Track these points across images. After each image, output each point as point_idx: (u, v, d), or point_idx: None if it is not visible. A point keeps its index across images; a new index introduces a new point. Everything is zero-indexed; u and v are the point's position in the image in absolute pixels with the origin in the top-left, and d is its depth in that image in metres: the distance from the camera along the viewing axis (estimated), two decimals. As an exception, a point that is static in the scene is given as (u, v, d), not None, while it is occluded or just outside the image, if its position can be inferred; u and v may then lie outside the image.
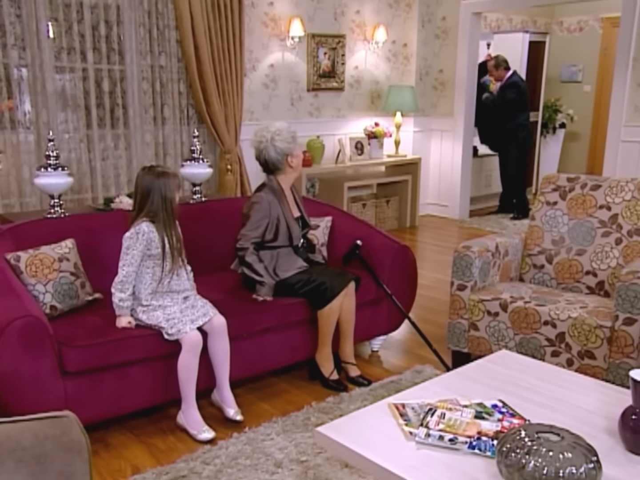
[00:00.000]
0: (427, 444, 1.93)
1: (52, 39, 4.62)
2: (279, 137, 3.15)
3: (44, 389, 2.37)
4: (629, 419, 1.90)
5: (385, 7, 6.74)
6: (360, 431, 2.01)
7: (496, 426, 2.00)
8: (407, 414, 2.10)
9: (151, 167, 2.72)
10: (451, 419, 2.05)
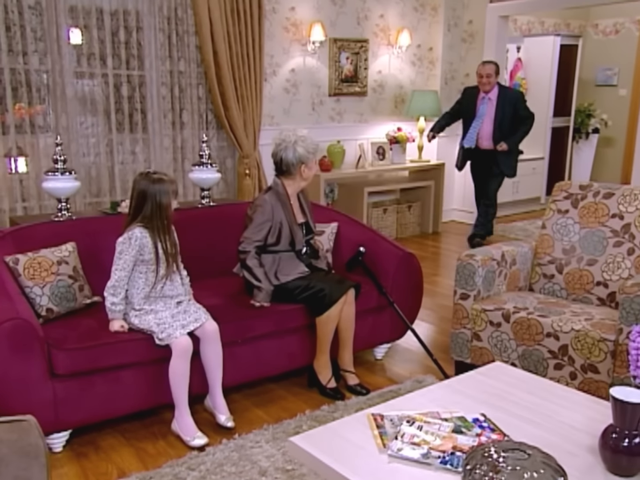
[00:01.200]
0: (399, 457, 1.89)
1: (72, 45, 4.71)
2: (302, 144, 3.15)
3: (32, 390, 2.41)
4: (609, 438, 1.84)
5: (410, 11, 6.68)
6: (334, 442, 1.99)
7: (473, 441, 1.95)
8: (385, 425, 2.07)
9: (147, 173, 2.74)
10: (427, 432, 2.00)
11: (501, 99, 5.78)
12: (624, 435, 1.80)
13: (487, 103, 5.85)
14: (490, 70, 5.77)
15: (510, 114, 5.77)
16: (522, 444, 1.74)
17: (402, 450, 1.90)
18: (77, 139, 4.84)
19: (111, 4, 4.83)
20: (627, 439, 1.79)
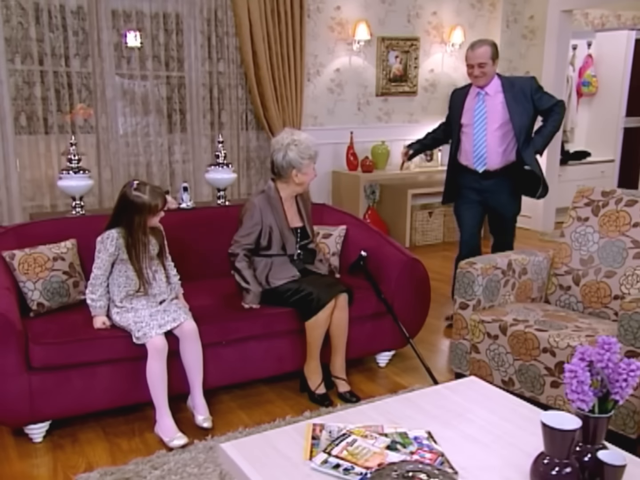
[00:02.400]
0: (320, 471, 1.84)
1: (112, 47, 4.89)
2: (295, 148, 3.12)
3: (7, 381, 2.52)
4: (539, 466, 1.72)
5: (466, 8, 6.47)
6: (263, 451, 1.96)
7: (403, 459, 1.87)
8: (321, 437, 2.02)
9: (134, 187, 2.78)
10: (359, 447, 1.94)
11: (508, 93, 3.84)
12: (554, 463, 1.68)
13: (486, 100, 3.87)
14: (483, 55, 3.76)
15: (529, 111, 3.85)
16: (432, 466, 1.65)
17: (325, 464, 1.85)
18: (117, 139, 5.02)
19: (151, 7, 4.97)
20: (557, 468, 1.68)
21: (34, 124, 4.75)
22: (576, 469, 1.69)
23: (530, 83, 3.91)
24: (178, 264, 3.18)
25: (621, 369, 1.74)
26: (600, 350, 1.77)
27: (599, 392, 1.75)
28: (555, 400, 2.83)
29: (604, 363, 1.76)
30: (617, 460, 1.67)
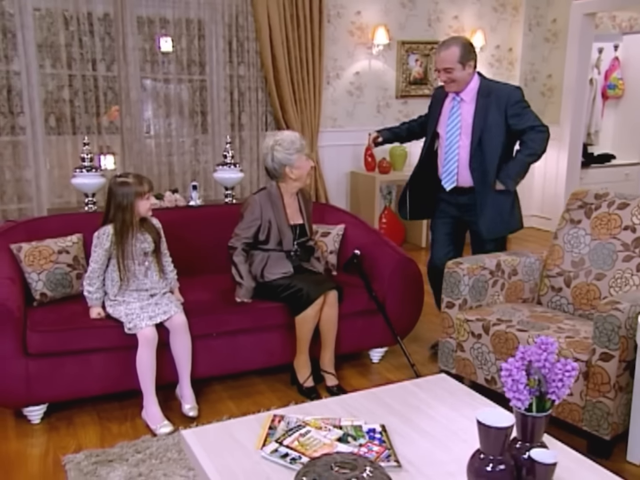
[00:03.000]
0: (269, 459, 1.94)
1: (137, 52, 5.10)
2: (279, 147, 3.24)
3: (5, 365, 2.71)
4: (474, 462, 1.77)
5: (488, 11, 6.48)
6: (221, 439, 2.06)
7: (351, 451, 1.96)
8: (277, 427, 2.12)
9: (116, 176, 2.96)
10: (310, 438, 2.04)
11: (482, 99, 3.31)
12: (488, 460, 1.73)
13: (461, 108, 3.38)
14: (448, 58, 3.26)
15: (500, 125, 3.29)
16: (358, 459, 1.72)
17: (274, 453, 1.95)
18: (141, 139, 5.23)
19: (175, 13, 5.17)
20: (491, 464, 1.72)
21: (62, 124, 5.00)
22: (510, 466, 1.73)
23: (508, 93, 3.33)
24: (183, 259, 3.37)
25: (557, 369, 1.79)
26: (538, 350, 1.82)
27: (536, 392, 1.79)
28: (534, 400, 2.87)
29: (541, 363, 1.81)
30: (548, 459, 1.71)
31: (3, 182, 4.85)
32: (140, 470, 2.52)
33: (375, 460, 1.90)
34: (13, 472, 2.55)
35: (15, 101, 4.82)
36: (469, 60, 3.30)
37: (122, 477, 2.48)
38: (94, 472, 2.51)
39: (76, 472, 2.51)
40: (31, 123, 4.89)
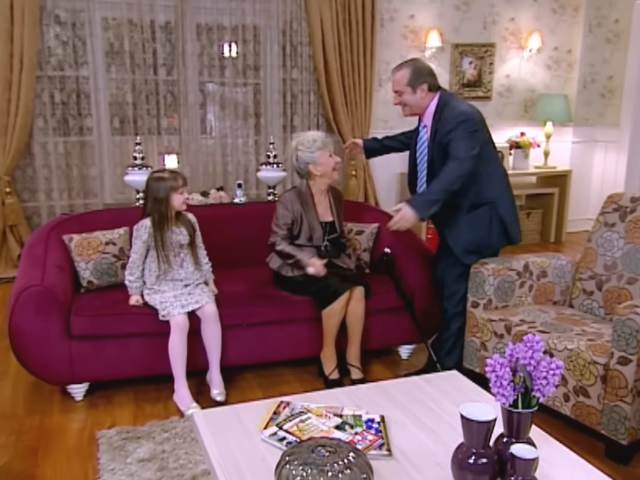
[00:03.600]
0: (267, 442, 2.06)
1: (195, 57, 5.36)
2: (302, 147, 3.39)
3: (50, 346, 2.96)
4: (458, 454, 1.83)
5: (547, 13, 6.40)
6: (227, 421, 2.18)
7: (345, 438, 2.05)
8: (282, 412, 2.24)
9: (155, 171, 3.17)
10: (310, 424, 2.14)
11: (434, 124, 3.18)
12: (471, 453, 1.79)
13: (427, 133, 3.28)
14: (398, 81, 3.19)
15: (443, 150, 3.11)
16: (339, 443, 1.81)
17: (273, 436, 2.07)
18: (197, 140, 5.49)
19: (232, 20, 5.40)
20: (473, 457, 1.77)
21: (125, 126, 5.31)
22: (492, 460, 1.78)
23: (448, 120, 3.09)
24: (223, 252, 3.58)
25: (542, 367, 1.83)
26: (524, 347, 1.86)
27: (521, 388, 1.84)
28: (554, 402, 2.89)
29: (527, 360, 1.86)
30: (527, 454, 1.75)
31: (71, 178, 5.21)
32: (164, 447, 2.71)
33: (367, 449, 1.99)
34: (52, 443, 2.79)
35: (84, 104, 5.18)
36: (421, 84, 3.15)
37: (147, 453, 2.67)
38: (122, 447, 2.71)
39: (107, 446, 2.72)
40: (97, 124, 5.23)
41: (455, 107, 3.15)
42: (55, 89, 5.02)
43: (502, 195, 3.30)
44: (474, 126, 3.10)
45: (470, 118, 3.10)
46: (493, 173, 3.27)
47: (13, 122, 4.80)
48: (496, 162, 3.36)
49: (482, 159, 3.14)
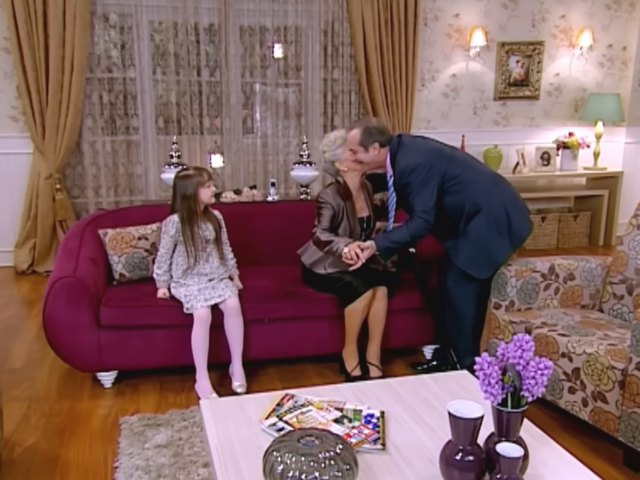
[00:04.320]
0: (266, 431, 2.12)
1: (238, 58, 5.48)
2: (326, 148, 3.43)
3: (80, 334, 3.11)
4: (445, 450, 1.85)
5: (600, 9, 6.23)
6: (231, 411, 2.26)
7: (342, 431, 2.09)
8: (285, 405, 2.29)
9: (181, 170, 3.27)
10: (309, 416, 2.20)
11: (394, 177, 3.29)
12: (458, 450, 1.80)
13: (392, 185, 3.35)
14: (350, 140, 3.29)
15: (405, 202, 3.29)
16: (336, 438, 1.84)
17: (272, 427, 2.12)
18: (239, 139, 5.61)
19: (274, 21, 5.49)
20: (460, 454, 1.79)
21: (169, 125, 5.48)
22: (479, 457, 1.78)
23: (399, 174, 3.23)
24: (252, 249, 3.66)
25: (531, 367, 1.82)
26: (514, 347, 1.86)
27: (510, 387, 1.84)
28: (572, 406, 2.84)
29: (516, 360, 1.85)
30: (512, 453, 1.75)
31: (117, 176, 5.42)
32: (181, 435, 2.81)
33: (362, 442, 2.03)
34: (78, 426, 2.93)
35: (130, 104, 5.37)
36: (372, 142, 3.24)
37: (164, 440, 2.77)
38: (142, 433, 2.83)
39: (128, 431, 2.85)
40: (143, 124, 5.42)
41: (400, 162, 3.23)
42: (104, 90, 5.23)
43: (491, 196, 3.23)
44: (423, 170, 3.16)
45: (414, 168, 3.17)
46: (471, 182, 3.23)
47: (64, 122, 5.03)
48: (468, 169, 3.27)
49: (453, 178, 3.19)
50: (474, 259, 3.21)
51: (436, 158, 3.22)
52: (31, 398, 3.18)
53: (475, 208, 3.21)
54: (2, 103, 5.11)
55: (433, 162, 3.19)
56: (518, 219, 3.26)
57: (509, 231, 3.22)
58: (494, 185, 3.30)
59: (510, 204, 3.27)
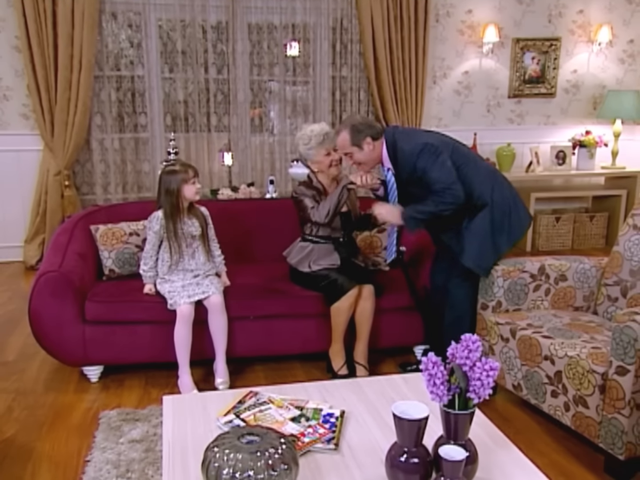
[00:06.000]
0: (222, 429, 2.09)
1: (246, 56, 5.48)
2: (301, 142, 3.39)
3: (66, 328, 3.14)
4: (391, 451, 1.81)
5: (621, 4, 6.05)
6: (192, 407, 2.24)
7: (297, 430, 2.07)
8: (246, 402, 2.27)
9: (165, 166, 3.27)
10: (267, 414, 2.17)
11: (395, 168, 3.17)
12: (402, 451, 1.76)
13: (393, 176, 3.22)
14: (342, 144, 3.18)
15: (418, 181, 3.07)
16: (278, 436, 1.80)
17: (228, 424, 2.10)
18: (246, 136, 5.62)
19: (282, 19, 5.47)
20: (405, 455, 1.75)
21: (177, 123, 5.51)
22: (424, 460, 1.74)
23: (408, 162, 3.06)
24: (246, 246, 3.65)
25: (477, 368, 1.77)
26: (461, 347, 1.80)
27: (456, 389, 1.78)
28: (555, 411, 2.76)
29: (463, 360, 1.79)
30: (456, 456, 1.70)
31: (125, 173, 5.48)
32: (156, 430, 2.81)
33: (314, 442, 1.99)
34: (58, 420, 2.96)
35: (138, 102, 5.42)
36: (364, 138, 3.11)
37: (139, 435, 2.78)
38: (118, 428, 2.84)
39: (105, 425, 2.86)
40: (151, 122, 5.46)
41: (403, 148, 3.10)
42: (112, 88, 5.29)
43: (494, 190, 3.15)
44: (433, 150, 3.02)
45: (422, 148, 3.02)
46: (475, 174, 3.13)
47: (72, 119, 5.10)
48: (471, 163, 3.17)
49: (457, 168, 3.06)
50: (481, 255, 3.11)
51: (440, 142, 3.10)
52: (18, 391, 3.22)
53: (480, 202, 3.11)
54: (13, 101, 5.21)
55: (438, 142, 3.07)
56: (519, 214, 3.21)
57: (509, 226, 3.15)
58: (496, 180, 3.22)
59: (513, 199, 3.22)
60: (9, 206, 5.34)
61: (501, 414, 3.04)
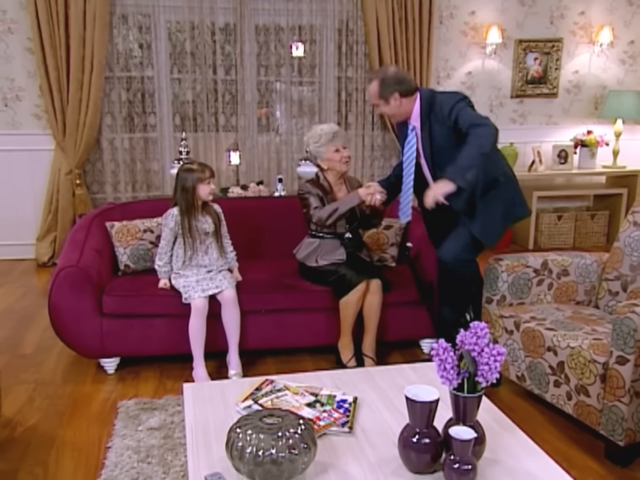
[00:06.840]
0: (241, 413, 2.18)
1: (254, 57, 5.59)
2: (311, 141, 3.50)
3: (84, 321, 3.25)
4: (403, 432, 1.91)
5: (621, 5, 6.15)
6: (212, 395, 2.34)
7: (313, 415, 2.17)
8: (263, 389, 2.37)
9: (184, 164, 3.38)
10: (284, 400, 2.27)
11: (426, 121, 3.15)
12: (415, 432, 1.86)
13: (415, 136, 3.22)
14: (372, 93, 3.22)
15: (451, 138, 3.09)
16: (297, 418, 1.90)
17: (247, 409, 2.21)
18: (253, 136, 5.72)
19: (289, 20, 5.58)
20: (417, 436, 1.85)
21: (185, 123, 5.62)
22: (435, 440, 1.84)
23: (441, 103, 3.08)
24: (254, 243, 3.76)
25: (485, 354, 1.87)
26: (470, 334, 1.91)
27: (465, 373, 1.89)
28: (558, 400, 2.86)
29: (472, 346, 1.90)
30: (465, 436, 1.80)
31: (135, 172, 5.58)
32: (173, 419, 2.92)
33: (330, 425, 2.10)
34: (78, 409, 3.07)
35: (148, 103, 5.53)
36: (392, 93, 3.12)
37: (157, 423, 2.89)
38: (136, 416, 2.95)
39: (123, 414, 2.97)
40: (160, 122, 5.57)
41: (442, 93, 3.26)
42: (123, 88, 5.40)
43: (506, 170, 3.37)
44: (470, 101, 3.12)
45: (464, 97, 3.12)
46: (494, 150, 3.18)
47: (83, 119, 5.21)
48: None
49: None
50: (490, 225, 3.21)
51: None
52: (37, 382, 3.33)
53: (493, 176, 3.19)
54: (26, 101, 5.32)
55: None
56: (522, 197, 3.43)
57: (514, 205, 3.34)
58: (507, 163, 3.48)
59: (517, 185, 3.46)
60: (22, 205, 5.45)
61: (505, 404, 3.13)
